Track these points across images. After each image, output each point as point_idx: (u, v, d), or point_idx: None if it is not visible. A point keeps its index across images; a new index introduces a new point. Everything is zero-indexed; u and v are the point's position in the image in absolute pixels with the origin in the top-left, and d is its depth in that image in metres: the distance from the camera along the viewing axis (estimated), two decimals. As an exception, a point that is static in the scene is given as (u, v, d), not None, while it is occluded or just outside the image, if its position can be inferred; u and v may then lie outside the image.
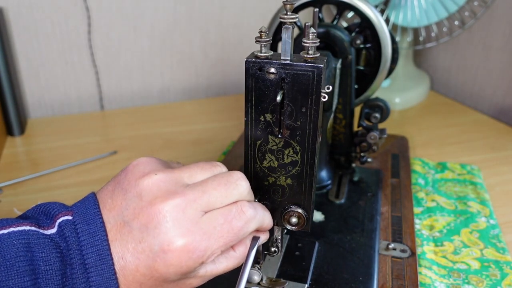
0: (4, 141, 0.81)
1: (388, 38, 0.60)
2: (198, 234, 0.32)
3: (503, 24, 0.90)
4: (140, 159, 0.36)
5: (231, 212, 0.34)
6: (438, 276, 0.50)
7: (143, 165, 0.35)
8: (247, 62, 0.35)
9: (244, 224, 0.34)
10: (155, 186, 0.33)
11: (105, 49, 0.96)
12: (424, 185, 0.68)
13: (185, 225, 0.32)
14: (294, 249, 0.50)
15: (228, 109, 0.96)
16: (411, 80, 1.01)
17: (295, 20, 0.34)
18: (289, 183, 0.38)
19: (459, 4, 0.88)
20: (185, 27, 1.00)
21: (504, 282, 0.49)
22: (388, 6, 0.93)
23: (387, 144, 0.76)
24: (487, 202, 0.63)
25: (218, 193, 0.34)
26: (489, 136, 0.84)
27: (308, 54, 0.34)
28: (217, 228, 0.33)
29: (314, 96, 0.35)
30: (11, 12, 0.87)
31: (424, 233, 0.57)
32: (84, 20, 0.92)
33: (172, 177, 0.34)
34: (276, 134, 0.37)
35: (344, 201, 0.60)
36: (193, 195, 0.33)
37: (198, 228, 0.32)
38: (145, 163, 0.35)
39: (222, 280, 0.39)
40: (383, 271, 0.48)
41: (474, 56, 0.98)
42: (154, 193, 0.33)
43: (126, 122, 0.91)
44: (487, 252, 0.54)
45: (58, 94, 0.96)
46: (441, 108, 0.97)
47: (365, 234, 0.54)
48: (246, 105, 0.36)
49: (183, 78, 1.05)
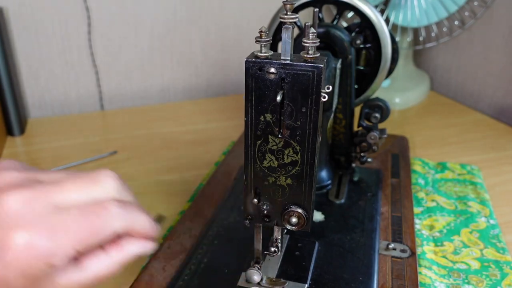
0: (4, 141, 0.81)
1: (388, 38, 0.60)
2: (45, 229, 0.28)
3: (503, 24, 0.90)
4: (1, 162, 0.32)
5: (90, 207, 0.30)
6: (438, 276, 0.50)
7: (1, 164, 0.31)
8: (247, 62, 0.35)
9: (104, 221, 0.30)
10: (1, 179, 0.29)
11: (105, 49, 0.96)
12: (424, 185, 0.68)
13: (30, 219, 0.28)
14: (294, 249, 0.50)
15: (228, 109, 0.96)
16: (411, 80, 1.01)
17: (295, 20, 0.35)
18: (289, 183, 0.38)
19: (459, 4, 0.88)
20: (185, 27, 1.00)
21: (504, 282, 0.49)
22: (388, 6, 0.93)
23: (387, 144, 0.76)
24: (487, 202, 0.63)
25: (76, 188, 0.30)
26: (489, 136, 0.84)
27: (308, 54, 0.34)
28: (69, 224, 0.29)
29: (314, 96, 0.35)
30: (11, 12, 0.87)
31: (424, 233, 0.57)
32: (84, 20, 0.92)
33: (26, 175, 0.30)
34: (276, 134, 0.37)
35: (344, 201, 0.60)
36: (44, 188, 0.29)
37: (45, 223, 0.28)
38: (4, 163, 0.31)
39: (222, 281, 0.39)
40: (383, 271, 0.48)
41: (474, 56, 0.98)
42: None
43: (126, 122, 0.91)
44: (487, 252, 0.54)
45: (58, 94, 0.96)
46: (441, 108, 0.97)
47: (365, 234, 0.54)
48: (246, 105, 0.36)
49: (183, 78, 1.05)
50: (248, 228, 0.43)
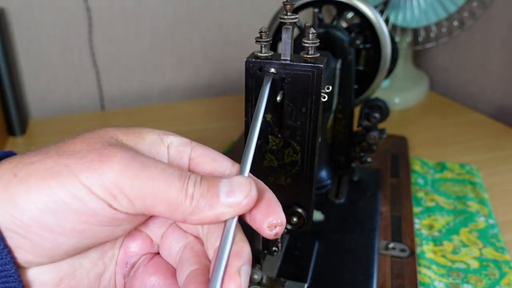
0: (5, 141, 0.81)
1: (388, 38, 0.60)
2: None
3: (502, 25, 0.90)
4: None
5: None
6: (437, 276, 0.50)
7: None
8: (247, 62, 0.35)
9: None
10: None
11: (106, 50, 0.96)
12: (423, 184, 0.68)
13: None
14: (294, 249, 0.51)
15: (228, 109, 0.97)
16: (410, 80, 1.01)
17: (295, 20, 0.35)
18: (289, 183, 0.39)
19: (458, 4, 0.88)
20: (185, 27, 1.01)
21: (503, 281, 0.50)
22: (387, 6, 0.93)
23: (387, 144, 0.76)
24: (486, 201, 0.63)
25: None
26: (488, 136, 0.84)
27: (308, 54, 0.34)
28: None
29: (314, 96, 0.35)
30: (13, 13, 0.87)
31: (424, 232, 0.58)
32: (85, 21, 0.92)
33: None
34: (276, 134, 0.37)
35: (344, 201, 0.60)
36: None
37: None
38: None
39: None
40: (382, 271, 0.49)
41: (473, 57, 0.98)
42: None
43: (126, 122, 0.91)
44: (486, 251, 0.54)
45: (59, 94, 0.97)
46: (440, 108, 0.97)
47: (365, 233, 0.54)
48: (246, 105, 0.37)
49: (183, 78, 1.05)
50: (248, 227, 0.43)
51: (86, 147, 0.24)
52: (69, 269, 0.26)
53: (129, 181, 0.23)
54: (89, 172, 0.23)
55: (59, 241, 0.23)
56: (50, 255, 0.24)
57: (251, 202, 0.24)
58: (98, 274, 0.27)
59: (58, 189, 0.22)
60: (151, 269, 0.28)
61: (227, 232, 0.24)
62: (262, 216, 0.25)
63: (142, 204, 0.23)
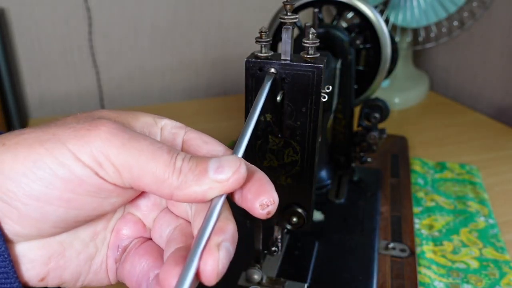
0: (5, 141, 0.81)
1: (388, 38, 0.60)
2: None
3: (502, 25, 0.90)
4: None
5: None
6: (437, 276, 0.50)
7: None
8: (247, 62, 0.35)
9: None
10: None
11: (106, 49, 0.96)
12: (423, 184, 0.68)
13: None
14: (294, 249, 0.51)
15: (228, 109, 0.97)
16: (410, 80, 1.01)
17: (295, 20, 0.35)
18: (289, 183, 0.39)
19: (458, 4, 0.88)
20: (185, 27, 1.01)
21: (503, 281, 0.50)
22: (387, 6, 0.93)
23: (387, 144, 0.76)
24: (486, 201, 0.63)
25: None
26: (488, 136, 0.84)
27: (308, 54, 0.34)
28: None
29: (314, 96, 0.35)
30: (13, 12, 0.87)
31: (424, 232, 0.58)
32: (84, 21, 0.92)
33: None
34: (276, 134, 0.37)
35: (344, 201, 0.60)
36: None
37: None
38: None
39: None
40: (382, 271, 0.49)
41: (473, 57, 0.98)
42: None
43: (126, 122, 0.91)
44: (486, 251, 0.54)
45: (59, 94, 0.97)
46: (440, 108, 0.97)
47: (365, 233, 0.54)
48: (246, 105, 0.37)
49: (183, 78, 1.05)
50: (249, 227, 0.43)
51: (75, 120, 0.24)
52: (58, 247, 0.25)
53: (115, 150, 0.23)
54: (76, 140, 0.23)
55: (45, 210, 0.23)
56: (38, 227, 0.24)
57: (240, 179, 0.24)
58: (88, 257, 0.27)
59: (45, 155, 0.22)
60: (142, 251, 0.27)
61: (212, 209, 0.23)
62: (253, 196, 0.24)
63: (128, 174, 0.23)
